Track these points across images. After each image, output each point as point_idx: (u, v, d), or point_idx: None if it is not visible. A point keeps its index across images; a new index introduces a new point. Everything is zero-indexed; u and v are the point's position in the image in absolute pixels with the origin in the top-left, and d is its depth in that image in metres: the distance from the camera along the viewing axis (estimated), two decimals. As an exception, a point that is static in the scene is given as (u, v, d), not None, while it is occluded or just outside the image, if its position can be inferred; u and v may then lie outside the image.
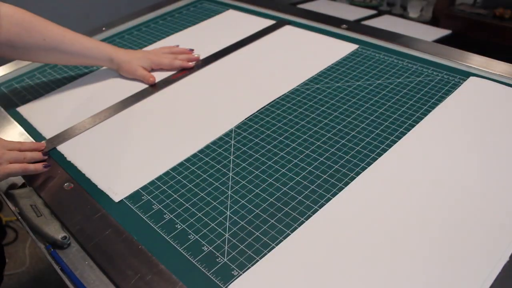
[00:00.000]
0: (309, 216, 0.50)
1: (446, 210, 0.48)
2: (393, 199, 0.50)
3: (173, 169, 0.60)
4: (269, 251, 0.47)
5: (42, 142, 0.67)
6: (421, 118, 0.62)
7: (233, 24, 1.00)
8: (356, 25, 0.90)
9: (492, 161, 0.54)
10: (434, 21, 1.72)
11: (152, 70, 0.82)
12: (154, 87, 0.78)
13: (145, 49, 0.93)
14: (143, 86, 0.79)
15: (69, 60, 0.80)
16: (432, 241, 0.45)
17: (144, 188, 0.57)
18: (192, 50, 0.86)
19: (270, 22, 0.96)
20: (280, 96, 0.72)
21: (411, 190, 0.51)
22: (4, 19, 0.71)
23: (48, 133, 0.70)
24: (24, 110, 0.78)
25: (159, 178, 0.58)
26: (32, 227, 0.53)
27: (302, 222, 0.49)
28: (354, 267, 0.44)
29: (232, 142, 0.63)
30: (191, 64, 0.83)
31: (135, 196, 0.56)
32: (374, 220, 0.48)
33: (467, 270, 0.42)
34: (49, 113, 0.76)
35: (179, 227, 0.51)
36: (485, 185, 0.51)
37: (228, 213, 0.52)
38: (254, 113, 0.68)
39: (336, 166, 0.56)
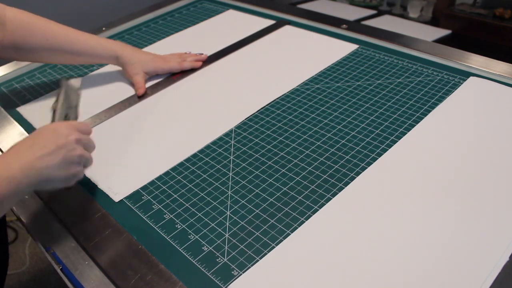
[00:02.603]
0: (309, 216, 0.50)
1: (446, 209, 0.48)
2: (394, 199, 0.50)
3: (173, 169, 0.60)
4: (269, 251, 0.47)
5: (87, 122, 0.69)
6: (421, 118, 0.62)
7: (233, 24, 0.99)
8: (356, 25, 0.90)
9: (492, 161, 0.54)
10: (434, 21, 1.72)
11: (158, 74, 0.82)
12: (154, 87, 0.78)
13: (145, 49, 0.93)
14: (143, 86, 0.79)
15: (74, 60, 0.80)
16: (432, 241, 0.45)
17: (144, 188, 0.57)
18: (201, 54, 0.86)
19: (270, 22, 0.96)
20: (280, 96, 0.72)
21: (411, 190, 0.51)
22: (9, 23, 0.71)
23: (48, 133, 0.70)
24: (24, 110, 0.78)
25: (159, 178, 0.58)
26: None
27: (302, 222, 0.49)
28: (354, 267, 0.44)
29: (232, 142, 0.63)
30: (200, 63, 0.83)
31: (135, 196, 0.56)
32: (374, 220, 0.48)
33: (467, 270, 0.42)
34: (49, 113, 0.76)
35: (179, 227, 0.51)
36: (485, 184, 0.51)
37: (228, 213, 0.52)
38: (254, 113, 0.68)
39: (336, 166, 0.56)
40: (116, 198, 0.56)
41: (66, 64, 0.90)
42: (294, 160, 0.58)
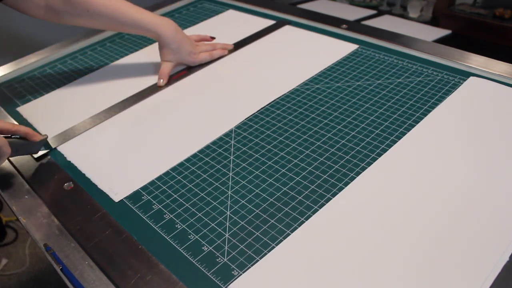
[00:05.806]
0: (309, 216, 0.50)
1: (446, 210, 0.48)
2: (393, 199, 0.50)
3: (173, 169, 0.60)
4: (269, 251, 0.47)
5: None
6: (421, 118, 0.62)
7: (233, 24, 1.00)
8: (356, 25, 0.90)
9: (492, 161, 0.54)
10: (434, 21, 1.72)
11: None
12: (154, 87, 0.78)
13: (145, 49, 0.93)
14: (143, 86, 0.79)
15: (114, 28, 0.81)
16: (432, 241, 0.45)
17: (144, 188, 0.57)
18: (213, 38, 0.90)
19: (270, 22, 0.96)
20: (280, 96, 0.72)
21: (411, 190, 0.51)
22: None
23: (48, 133, 0.70)
24: (24, 110, 0.78)
25: (159, 178, 0.58)
26: None
27: (302, 222, 0.49)
28: (354, 267, 0.44)
29: (232, 142, 0.63)
30: (226, 51, 0.87)
31: (135, 196, 0.56)
32: (374, 220, 0.48)
33: (467, 270, 0.42)
34: (49, 113, 0.76)
35: (179, 227, 0.51)
36: (485, 185, 0.51)
37: (228, 213, 0.52)
38: (254, 113, 0.68)
39: (336, 166, 0.56)
40: (116, 198, 0.56)
41: (71, 63, 0.91)
42: (294, 160, 0.58)
